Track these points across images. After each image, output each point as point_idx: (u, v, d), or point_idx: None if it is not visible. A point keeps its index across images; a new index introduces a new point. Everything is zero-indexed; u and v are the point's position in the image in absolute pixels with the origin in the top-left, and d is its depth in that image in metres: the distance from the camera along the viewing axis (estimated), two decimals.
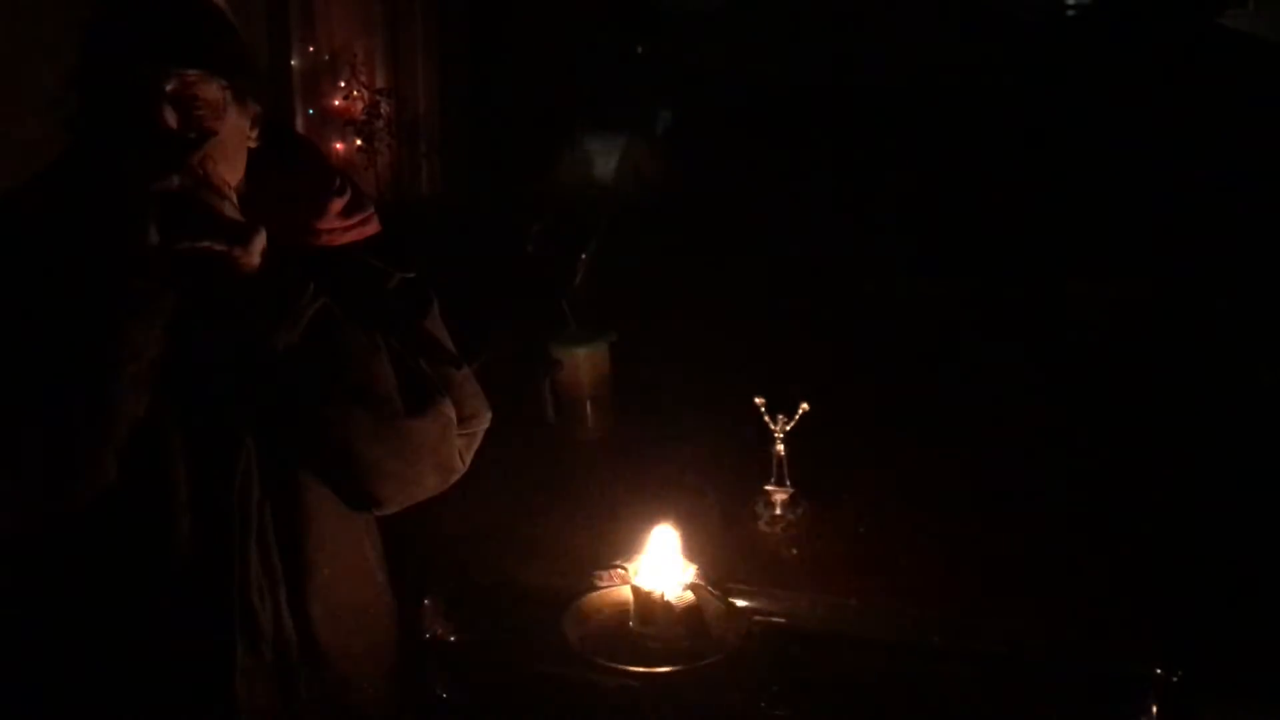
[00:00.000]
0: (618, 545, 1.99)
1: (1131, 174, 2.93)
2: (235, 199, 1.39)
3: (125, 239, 1.32)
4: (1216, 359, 2.57)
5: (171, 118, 1.38)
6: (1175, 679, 1.86)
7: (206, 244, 1.34)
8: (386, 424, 1.45)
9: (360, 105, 5.09)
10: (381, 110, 5.10)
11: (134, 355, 1.35)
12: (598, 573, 2.00)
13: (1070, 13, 4.13)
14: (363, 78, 5.04)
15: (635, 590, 1.92)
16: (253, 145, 1.49)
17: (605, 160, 3.73)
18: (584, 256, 3.12)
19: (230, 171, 1.43)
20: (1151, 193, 2.88)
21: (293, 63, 4.76)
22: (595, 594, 1.98)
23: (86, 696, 1.47)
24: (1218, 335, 2.62)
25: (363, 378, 1.44)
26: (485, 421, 1.62)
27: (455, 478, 1.58)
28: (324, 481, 1.52)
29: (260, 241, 1.37)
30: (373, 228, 1.60)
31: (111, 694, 1.46)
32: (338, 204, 1.56)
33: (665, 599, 1.91)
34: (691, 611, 1.91)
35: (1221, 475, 2.23)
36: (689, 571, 1.94)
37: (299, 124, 4.89)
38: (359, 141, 5.06)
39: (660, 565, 1.93)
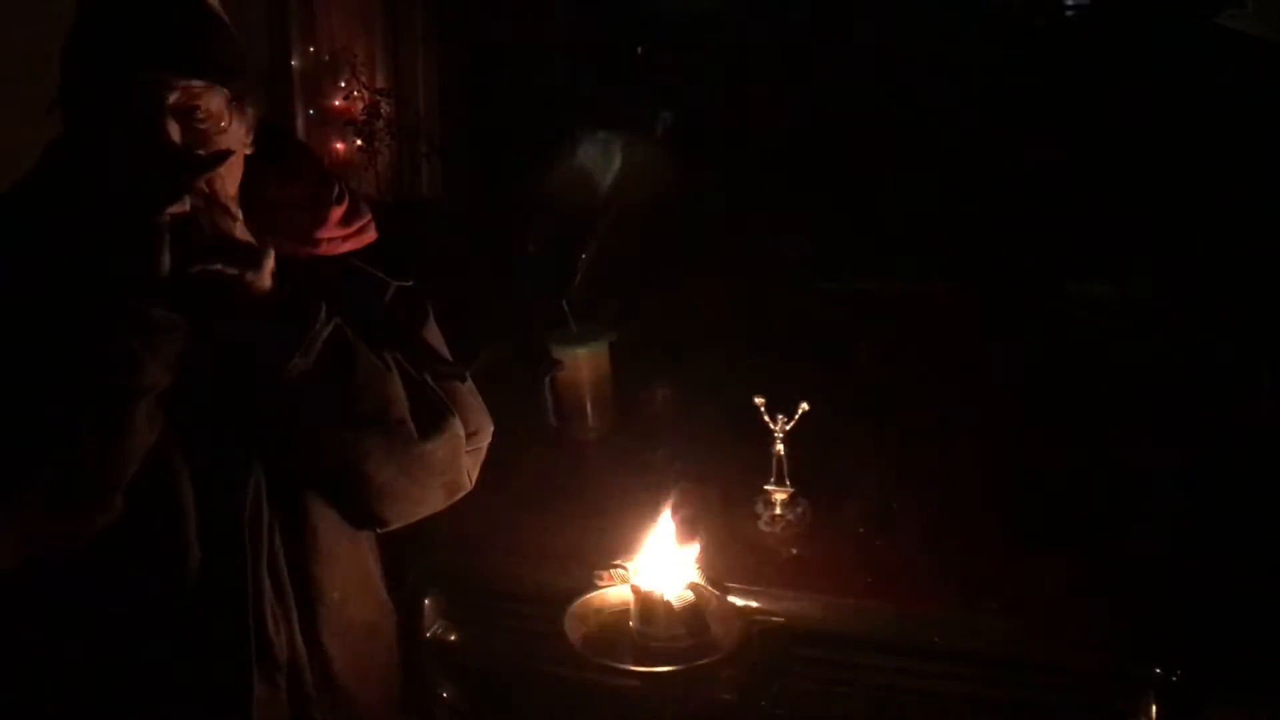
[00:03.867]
0: (618, 545, 1.98)
1: (1131, 174, 2.92)
2: (241, 216, 1.35)
3: (136, 268, 1.26)
4: (1217, 359, 2.57)
5: (175, 132, 1.32)
6: (1175, 679, 1.86)
7: (219, 269, 1.29)
8: (400, 447, 1.42)
9: (360, 106, 5.11)
10: (381, 111, 5.11)
11: (148, 389, 1.30)
12: (598, 573, 1.99)
13: (1070, 13, 4.14)
14: (363, 78, 5.05)
15: (635, 590, 1.92)
16: (249, 152, 1.44)
17: (605, 161, 3.73)
18: (584, 256, 3.12)
19: (233, 185, 1.39)
20: (1151, 193, 2.88)
21: (293, 63, 4.78)
22: (595, 594, 1.98)
23: None
24: (1218, 336, 2.61)
25: (377, 402, 1.41)
26: (488, 436, 1.59)
27: (461, 494, 1.56)
28: (330, 502, 1.49)
29: (270, 263, 1.33)
30: (370, 235, 1.56)
31: None
32: (337, 212, 1.52)
33: (665, 599, 1.91)
34: (691, 611, 1.91)
35: (1222, 475, 2.23)
36: (689, 571, 1.94)
37: (299, 124, 4.90)
38: (359, 142, 5.08)
39: (660, 565, 1.93)
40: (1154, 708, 1.85)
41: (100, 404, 1.28)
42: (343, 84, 5.06)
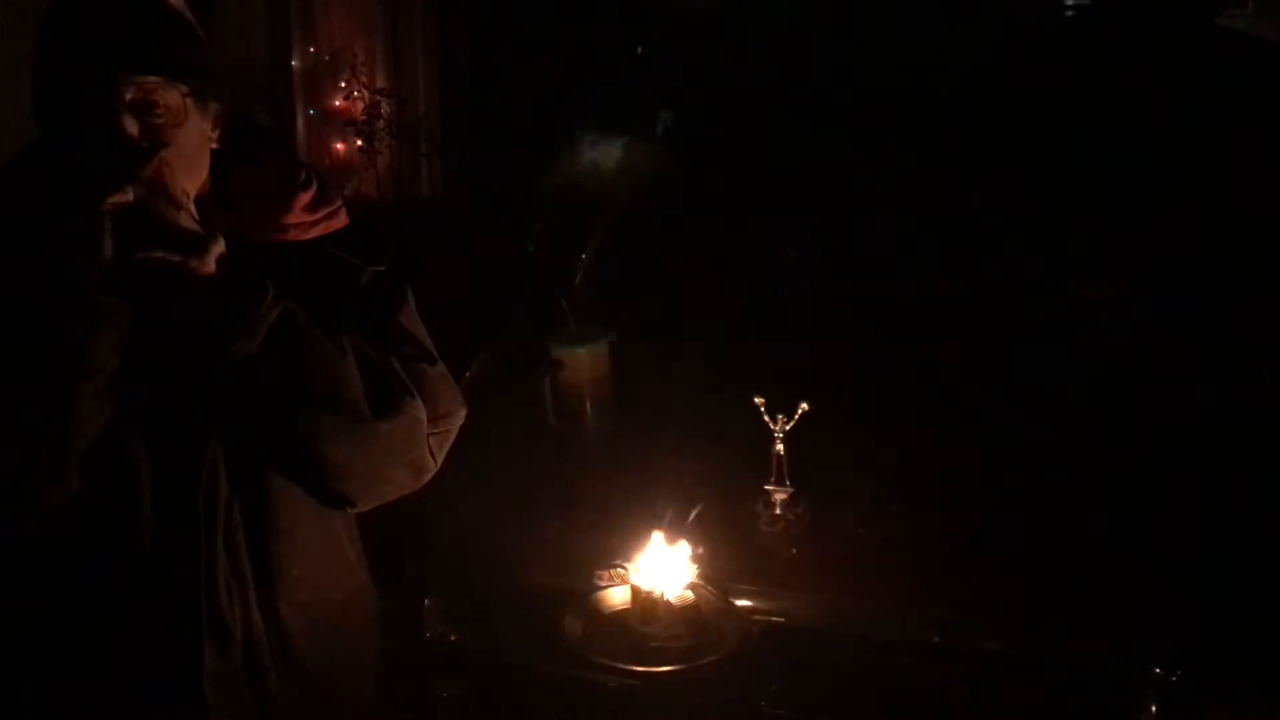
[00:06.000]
0: (618, 545, 1.98)
1: (1131, 174, 2.92)
2: (193, 207, 1.39)
3: (81, 253, 1.32)
4: (1217, 360, 2.57)
5: (131, 126, 1.37)
6: (1175, 679, 1.86)
7: (161, 255, 1.34)
8: (353, 426, 1.46)
9: (361, 106, 5.12)
10: (382, 111, 5.12)
11: (94, 371, 1.35)
12: (598, 573, 1.99)
13: (1070, 13, 4.14)
14: (363, 78, 5.06)
15: (635, 590, 1.92)
16: (215, 146, 1.49)
17: (605, 160, 3.73)
18: (584, 256, 3.12)
19: (190, 177, 1.43)
20: (1151, 193, 2.88)
21: (293, 63, 4.78)
22: (595, 594, 1.98)
23: (55, 700, 1.47)
24: (1218, 337, 2.61)
25: (327, 381, 1.44)
26: (459, 419, 1.62)
27: (428, 476, 1.59)
28: (295, 481, 1.52)
29: (217, 250, 1.37)
30: (340, 221, 1.60)
31: (80, 698, 1.47)
32: (304, 198, 1.56)
33: (665, 599, 1.91)
34: (691, 611, 1.91)
35: (1222, 475, 2.23)
36: (689, 571, 1.94)
37: (299, 124, 4.91)
38: (359, 142, 5.08)
39: (660, 565, 1.93)
40: (1154, 708, 1.86)
41: (46, 386, 1.33)
42: (343, 84, 5.07)
